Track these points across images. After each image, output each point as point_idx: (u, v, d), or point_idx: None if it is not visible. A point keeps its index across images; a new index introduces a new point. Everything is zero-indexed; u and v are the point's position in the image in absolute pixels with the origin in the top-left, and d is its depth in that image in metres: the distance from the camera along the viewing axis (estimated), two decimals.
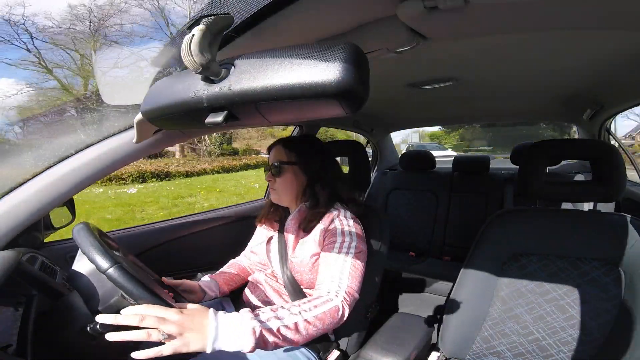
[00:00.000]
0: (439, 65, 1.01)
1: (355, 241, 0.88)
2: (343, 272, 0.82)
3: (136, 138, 0.81)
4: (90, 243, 0.63)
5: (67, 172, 0.77)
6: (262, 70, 0.41)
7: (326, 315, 0.73)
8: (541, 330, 0.89)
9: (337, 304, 0.76)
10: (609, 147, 0.91)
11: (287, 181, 0.98)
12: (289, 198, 1.00)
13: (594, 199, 0.92)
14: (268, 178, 1.00)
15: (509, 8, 0.56)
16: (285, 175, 0.97)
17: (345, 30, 0.62)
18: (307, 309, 0.71)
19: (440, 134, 20.89)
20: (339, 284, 0.80)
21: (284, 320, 0.67)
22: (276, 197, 1.01)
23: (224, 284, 1.03)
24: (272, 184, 0.99)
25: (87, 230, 0.67)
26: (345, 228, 0.90)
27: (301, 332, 0.68)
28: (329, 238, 0.90)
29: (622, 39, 0.78)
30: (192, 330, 0.59)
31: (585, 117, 1.51)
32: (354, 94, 0.38)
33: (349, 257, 0.84)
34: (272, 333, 0.64)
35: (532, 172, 0.97)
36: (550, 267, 0.92)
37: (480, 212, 2.02)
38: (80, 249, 0.64)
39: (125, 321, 0.57)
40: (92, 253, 0.62)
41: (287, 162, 0.97)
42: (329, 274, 0.82)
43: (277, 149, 1.01)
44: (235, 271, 1.10)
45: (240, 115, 0.47)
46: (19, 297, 0.71)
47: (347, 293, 0.79)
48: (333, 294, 0.77)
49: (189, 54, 0.41)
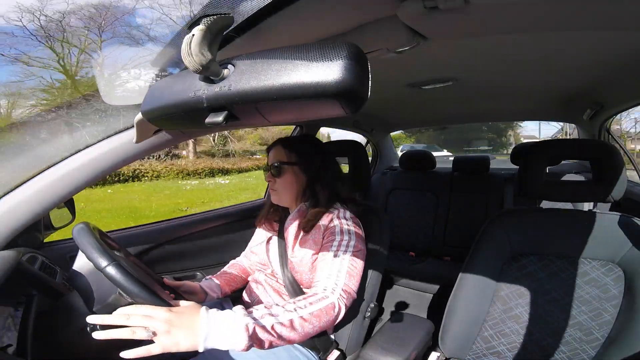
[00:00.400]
0: (439, 65, 1.01)
1: (354, 240, 0.88)
2: (340, 270, 0.81)
3: (136, 138, 0.81)
4: (89, 242, 0.63)
5: (67, 172, 0.77)
6: (262, 70, 0.41)
7: (322, 312, 0.72)
8: (541, 330, 0.89)
9: (332, 301, 0.75)
10: (609, 147, 0.91)
11: (288, 181, 0.97)
12: (289, 198, 1.00)
13: (594, 199, 0.92)
14: (268, 178, 0.99)
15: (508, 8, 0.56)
16: (285, 176, 0.97)
17: (346, 30, 0.62)
18: (302, 306, 0.70)
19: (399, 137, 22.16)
20: (335, 281, 0.79)
21: (278, 317, 0.65)
22: (276, 198, 1.00)
23: (225, 285, 1.03)
24: (272, 184, 0.99)
25: (86, 230, 0.67)
26: (345, 227, 0.90)
27: (297, 330, 0.67)
28: (328, 237, 0.90)
29: (622, 39, 0.78)
30: (181, 328, 0.57)
31: (585, 117, 1.51)
32: (354, 94, 0.38)
33: (347, 255, 0.84)
34: (266, 330, 0.63)
35: (532, 172, 0.97)
36: (550, 267, 0.92)
37: (480, 212, 2.02)
38: (80, 248, 0.64)
39: (113, 321, 0.57)
40: (91, 251, 0.61)
41: (287, 162, 0.97)
42: (326, 272, 0.82)
43: (277, 149, 1.00)
44: (236, 272, 1.10)
45: (240, 115, 0.46)
46: (19, 297, 0.71)
47: (344, 290, 0.78)
48: (329, 291, 0.77)
49: (189, 54, 0.41)
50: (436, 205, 2.16)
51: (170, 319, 0.58)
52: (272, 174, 0.98)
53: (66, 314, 0.73)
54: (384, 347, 0.89)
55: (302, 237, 0.95)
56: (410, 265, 1.91)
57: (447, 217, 2.11)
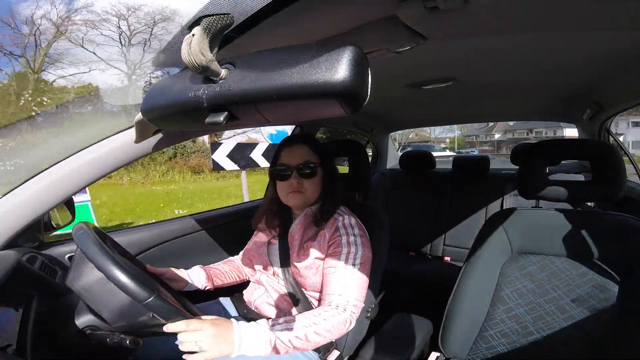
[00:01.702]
0: (439, 65, 1.01)
1: (361, 250, 0.89)
2: (350, 285, 0.85)
3: (136, 138, 0.81)
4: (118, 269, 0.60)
5: (67, 172, 0.77)
6: (262, 70, 0.41)
7: (334, 327, 0.79)
8: (541, 331, 0.89)
9: (345, 317, 0.81)
10: (609, 147, 0.91)
11: (317, 183, 0.94)
12: (313, 200, 0.96)
13: (594, 199, 0.92)
14: (295, 179, 0.92)
15: (508, 8, 0.56)
16: (316, 178, 0.93)
17: (346, 30, 0.62)
18: (317, 322, 0.77)
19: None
20: (347, 298, 0.83)
21: (295, 332, 0.74)
22: (301, 200, 0.94)
23: (211, 277, 1.02)
24: (299, 185, 0.92)
25: (91, 238, 0.64)
26: (351, 238, 0.90)
27: (310, 342, 0.76)
28: (335, 247, 0.89)
29: (622, 39, 0.78)
30: (219, 339, 0.67)
31: (585, 117, 1.51)
32: (354, 94, 0.38)
33: (355, 269, 0.86)
34: (284, 343, 0.72)
35: (532, 172, 0.97)
36: (550, 267, 0.92)
37: (480, 212, 2.02)
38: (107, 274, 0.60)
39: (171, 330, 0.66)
40: (130, 284, 0.60)
41: (319, 163, 0.94)
42: (337, 287, 0.85)
43: (302, 148, 0.94)
44: (228, 268, 1.09)
45: (240, 115, 0.46)
46: (18, 297, 0.71)
47: (354, 306, 0.84)
48: (342, 308, 0.82)
49: (189, 54, 0.41)
50: (436, 206, 2.15)
51: (213, 333, 0.66)
52: (300, 175, 0.92)
53: (66, 314, 0.73)
54: (384, 347, 0.89)
55: (307, 241, 0.94)
56: (410, 265, 1.91)
57: (447, 217, 2.11)
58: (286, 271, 0.95)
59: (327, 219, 0.93)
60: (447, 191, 2.16)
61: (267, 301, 0.98)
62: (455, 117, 2.09)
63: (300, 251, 0.94)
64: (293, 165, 0.92)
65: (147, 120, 0.64)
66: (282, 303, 0.95)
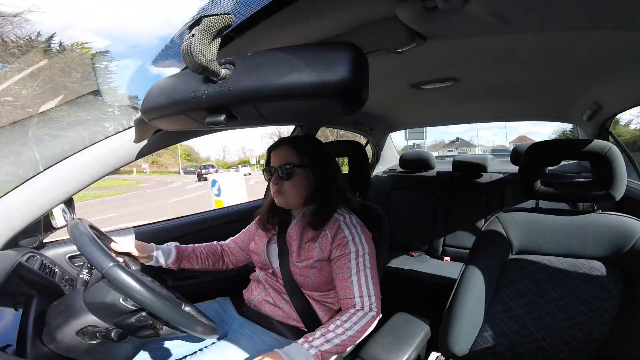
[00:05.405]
0: (439, 65, 1.01)
1: (367, 249, 0.90)
2: (367, 284, 0.87)
3: (136, 138, 0.81)
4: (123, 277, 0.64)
5: (67, 172, 0.77)
6: (261, 70, 0.41)
7: (365, 327, 0.83)
8: (541, 330, 0.89)
9: (373, 315, 0.85)
10: (609, 147, 0.91)
11: (298, 184, 0.93)
12: (298, 202, 0.96)
13: (594, 199, 0.92)
14: (275, 181, 0.93)
15: (508, 8, 0.56)
16: (296, 178, 0.93)
17: (346, 30, 0.62)
18: (349, 327, 0.81)
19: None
20: (369, 299, 0.86)
21: (333, 342, 0.78)
22: (283, 201, 0.95)
23: (180, 259, 1.02)
24: (280, 187, 0.93)
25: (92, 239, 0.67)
26: (356, 238, 0.90)
27: (346, 345, 0.80)
28: (341, 249, 0.89)
29: (622, 38, 0.78)
30: None
31: (585, 117, 1.51)
32: (354, 94, 0.38)
33: (367, 269, 0.88)
34: (324, 353, 0.76)
35: (532, 172, 0.97)
36: (550, 267, 0.92)
37: (480, 213, 2.02)
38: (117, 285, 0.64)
39: None
40: (135, 287, 0.64)
41: (299, 164, 0.93)
42: (356, 290, 0.87)
43: (285, 150, 0.94)
44: (205, 253, 1.09)
45: (240, 115, 0.47)
46: (18, 297, 0.71)
47: (377, 302, 0.87)
48: (367, 308, 0.85)
49: (189, 54, 0.41)
50: (436, 206, 2.15)
51: None
52: (280, 176, 0.93)
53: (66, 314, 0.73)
54: (384, 347, 0.89)
55: (307, 242, 0.93)
56: (410, 266, 1.91)
57: (447, 217, 2.11)
58: (285, 270, 0.95)
59: (323, 223, 0.93)
60: (447, 191, 2.16)
61: (266, 300, 0.98)
62: (455, 117, 2.08)
63: (300, 251, 0.94)
64: (275, 166, 0.94)
65: (147, 120, 0.64)
66: (281, 302, 0.95)
